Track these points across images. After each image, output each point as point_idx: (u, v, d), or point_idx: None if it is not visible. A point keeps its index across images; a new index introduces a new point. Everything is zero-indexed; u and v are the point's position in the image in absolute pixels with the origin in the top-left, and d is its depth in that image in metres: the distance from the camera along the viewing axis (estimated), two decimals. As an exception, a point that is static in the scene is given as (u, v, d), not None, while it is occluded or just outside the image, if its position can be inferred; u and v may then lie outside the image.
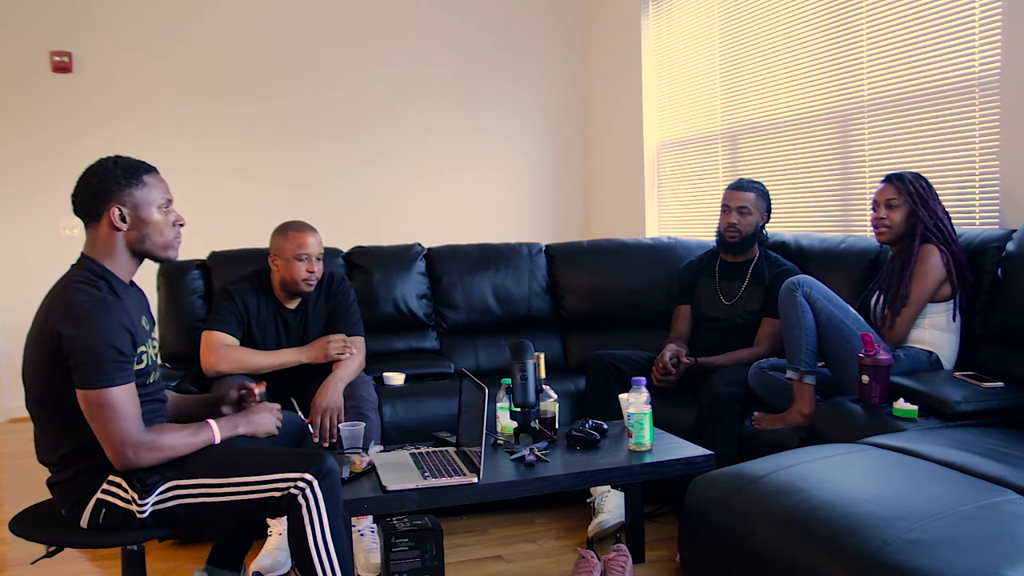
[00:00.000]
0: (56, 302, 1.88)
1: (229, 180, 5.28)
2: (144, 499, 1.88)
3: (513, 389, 2.46)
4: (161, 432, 1.90)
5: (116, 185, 1.93)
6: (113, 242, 1.96)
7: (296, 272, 2.91)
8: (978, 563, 1.48)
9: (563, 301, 3.82)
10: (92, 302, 1.84)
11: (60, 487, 1.95)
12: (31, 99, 5.04)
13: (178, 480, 1.91)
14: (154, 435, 1.88)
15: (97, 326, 1.82)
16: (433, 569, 2.42)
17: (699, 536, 2.05)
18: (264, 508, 1.93)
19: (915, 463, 1.98)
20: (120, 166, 1.96)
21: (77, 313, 1.82)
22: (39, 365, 1.89)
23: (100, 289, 1.89)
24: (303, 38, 5.48)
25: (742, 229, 3.24)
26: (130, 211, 1.94)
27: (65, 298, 1.86)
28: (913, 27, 3.37)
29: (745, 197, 3.25)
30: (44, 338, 1.85)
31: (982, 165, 3.11)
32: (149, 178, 1.98)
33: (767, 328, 3.17)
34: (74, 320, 1.82)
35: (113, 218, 1.93)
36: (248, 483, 1.91)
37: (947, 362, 2.72)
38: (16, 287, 5.03)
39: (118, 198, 1.93)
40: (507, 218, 5.90)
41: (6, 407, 5.10)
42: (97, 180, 1.94)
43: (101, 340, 1.81)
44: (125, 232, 1.95)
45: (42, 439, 1.98)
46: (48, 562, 2.17)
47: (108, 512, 1.90)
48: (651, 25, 5.23)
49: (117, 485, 1.90)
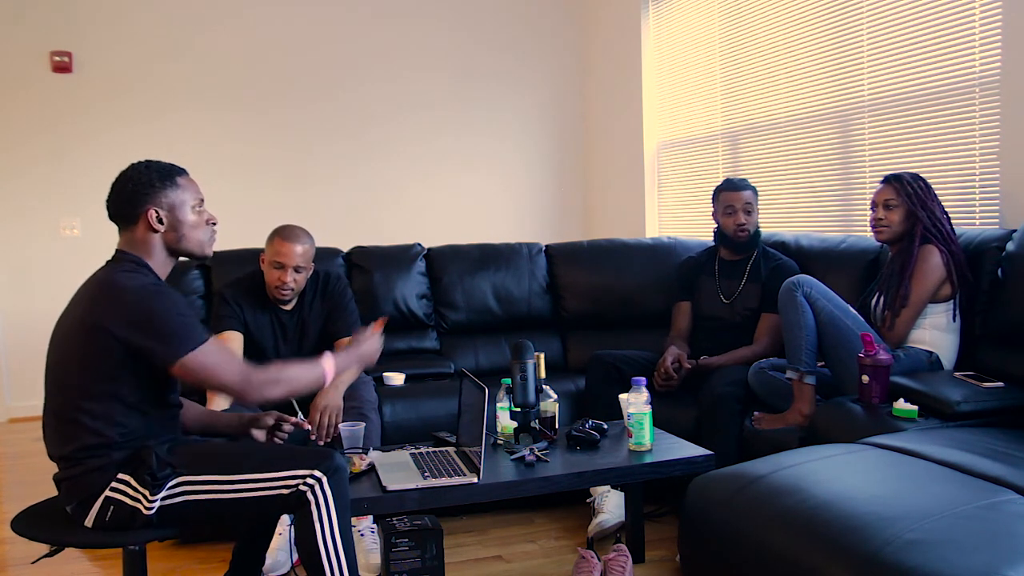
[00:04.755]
0: (105, 293, 1.91)
1: (229, 180, 5.28)
2: (155, 495, 1.88)
3: (513, 389, 2.46)
4: (279, 368, 2.03)
5: (151, 188, 1.98)
6: (151, 243, 2.01)
7: (269, 278, 2.90)
8: (978, 563, 1.48)
9: (563, 301, 3.82)
10: (146, 284, 1.92)
11: (69, 483, 1.95)
12: (31, 99, 5.05)
13: (188, 476, 1.92)
14: (271, 370, 2.00)
15: (161, 302, 1.89)
16: (433, 569, 2.42)
17: (699, 536, 2.05)
18: (273, 505, 1.94)
19: (915, 463, 1.98)
20: (153, 169, 2.01)
21: (138, 298, 1.88)
22: (83, 355, 1.90)
23: (146, 275, 1.96)
24: (305, 38, 5.48)
25: (750, 228, 3.26)
26: (166, 212, 2.00)
27: (118, 288, 1.90)
28: (913, 27, 3.37)
29: (747, 195, 3.27)
30: (97, 329, 1.87)
31: (982, 165, 3.11)
32: (182, 179, 2.04)
33: (766, 323, 3.17)
34: (137, 305, 1.87)
35: (151, 220, 1.98)
36: (257, 480, 1.92)
37: (947, 362, 2.72)
38: (16, 287, 5.04)
39: (154, 201, 1.99)
40: (507, 218, 5.90)
41: (6, 407, 5.10)
42: (132, 185, 1.98)
43: (170, 312, 1.89)
44: (163, 233, 2.01)
45: (60, 432, 1.96)
46: (48, 562, 2.17)
47: (116, 510, 1.90)
48: (651, 25, 5.24)
49: (126, 483, 1.90)
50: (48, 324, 2.02)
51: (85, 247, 5.01)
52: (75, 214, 5.07)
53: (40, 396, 2.02)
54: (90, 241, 5.01)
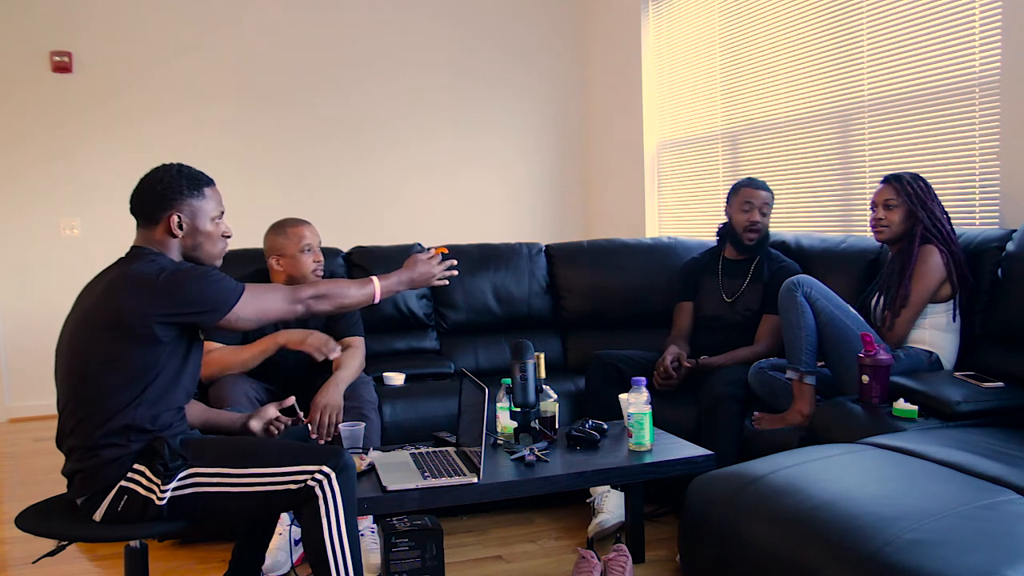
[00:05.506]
0: (133, 283, 1.92)
1: (229, 180, 5.21)
2: (166, 484, 1.90)
3: (513, 389, 2.46)
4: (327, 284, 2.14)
5: (179, 194, 2.02)
6: (167, 244, 2.04)
7: (304, 265, 2.95)
8: (978, 563, 1.48)
9: (563, 301, 3.82)
10: (169, 266, 1.97)
11: (83, 474, 1.94)
12: (31, 99, 5.05)
13: (198, 468, 1.93)
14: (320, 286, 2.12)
15: (190, 275, 1.95)
16: (433, 569, 2.42)
17: (699, 536, 2.05)
18: (281, 500, 1.94)
19: (915, 463, 1.98)
20: (184, 175, 2.05)
21: (168, 279, 1.92)
22: (108, 341, 1.91)
23: (166, 259, 2.01)
24: (305, 39, 5.49)
25: (762, 229, 3.25)
26: (188, 220, 2.04)
27: (143, 277, 1.92)
28: (913, 27, 3.37)
29: (767, 196, 3.26)
30: (115, 323, 1.90)
31: (982, 165, 3.11)
32: (208, 190, 2.08)
33: (767, 324, 3.17)
34: (172, 286, 1.91)
35: (172, 225, 2.02)
36: (267, 474, 1.93)
37: (947, 362, 2.72)
38: (17, 287, 5.04)
39: (179, 206, 2.03)
40: (507, 218, 5.90)
41: (6, 407, 5.09)
42: (162, 187, 2.02)
43: (202, 280, 1.95)
44: (180, 239, 2.05)
45: (77, 423, 1.95)
46: (49, 561, 2.18)
47: (129, 500, 1.91)
48: (651, 25, 5.24)
49: (141, 473, 1.91)
50: (48, 324, 2.03)
51: (85, 247, 5.02)
52: (75, 214, 5.07)
53: (40, 396, 2.03)
54: (90, 241, 5.02)
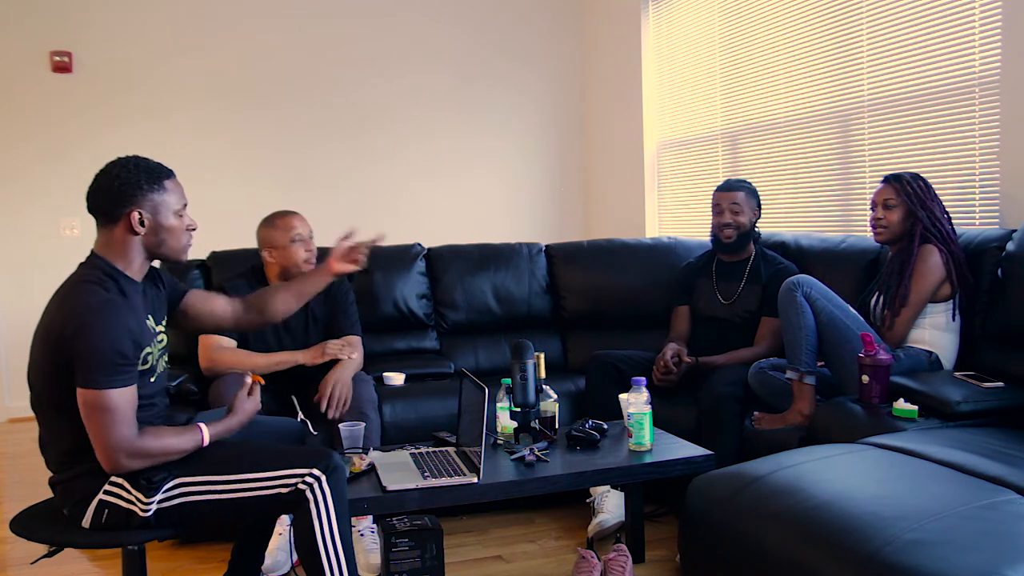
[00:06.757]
0: (64, 302, 1.88)
1: (229, 180, 5.28)
2: (150, 497, 1.87)
3: (513, 389, 2.46)
4: (154, 436, 1.88)
5: (138, 189, 1.91)
6: (128, 244, 1.95)
7: (296, 256, 2.95)
8: (978, 563, 1.48)
9: (563, 301, 3.82)
10: (99, 304, 1.83)
11: (62, 487, 1.95)
12: (31, 99, 5.05)
13: (185, 477, 1.90)
14: (146, 439, 1.86)
15: (103, 328, 1.80)
16: (433, 569, 2.42)
17: (699, 536, 2.05)
18: (272, 505, 1.93)
19: (915, 463, 1.98)
20: (142, 169, 1.94)
21: (83, 314, 1.81)
22: (43, 364, 1.89)
23: (108, 290, 1.88)
24: (305, 39, 5.48)
25: (736, 228, 3.25)
26: (149, 216, 1.93)
27: (73, 299, 1.86)
28: (913, 27, 3.37)
29: (735, 196, 3.25)
30: (50, 337, 1.85)
31: (982, 165, 3.11)
32: (169, 183, 1.97)
33: (766, 327, 3.17)
34: (80, 321, 1.81)
35: (132, 222, 1.92)
36: (255, 479, 1.91)
37: (947, 362, 2.72)
38: (17, 287, 5.04)
39: (139, 202, 1.92)
40: (507, 218, 5.90)
41: (6, 407, 5.10)
42: (119, 183, 1.91)
43: (105, 342, 1.80)
44: (143, 236, 1.95)
45: (46, 437, 1.97)
46: (48, 562, 2.18)
47: (110, 513, 1.90)
48: (651, 25, 5.23)
49: (119, 486, 1.89)
50: (48, 324, 2.02)
51: (85, 247, 4.94)
52: (75, 214, 5.03)
53: (39, 397, 2.02)
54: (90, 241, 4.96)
